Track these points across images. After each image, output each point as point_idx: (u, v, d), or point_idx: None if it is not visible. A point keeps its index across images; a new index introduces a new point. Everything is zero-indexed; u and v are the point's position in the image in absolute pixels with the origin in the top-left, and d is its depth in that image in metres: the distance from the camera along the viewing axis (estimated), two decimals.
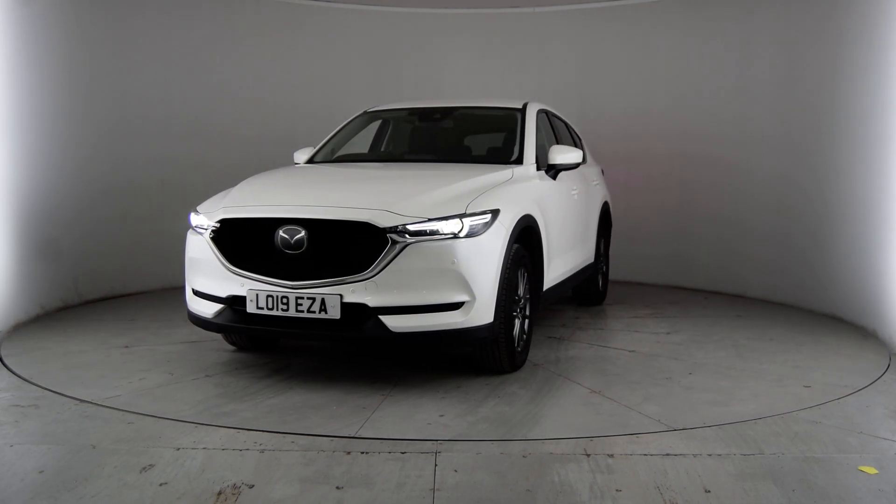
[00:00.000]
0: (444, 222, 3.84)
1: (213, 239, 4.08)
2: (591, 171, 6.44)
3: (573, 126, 6.60)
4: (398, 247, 3.76)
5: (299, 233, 3.84)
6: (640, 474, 2.95)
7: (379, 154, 5.71)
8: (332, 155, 5.46)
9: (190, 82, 7.27)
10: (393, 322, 3.78)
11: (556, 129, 5.81)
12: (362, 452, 3.14)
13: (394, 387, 4.07)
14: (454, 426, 3.47)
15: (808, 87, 6.41)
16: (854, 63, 5.81)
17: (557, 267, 5.10)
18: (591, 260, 6.20)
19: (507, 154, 5.04)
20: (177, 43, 7.17)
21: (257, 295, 3.90)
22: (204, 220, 4.18)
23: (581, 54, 8.04)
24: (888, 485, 2.89)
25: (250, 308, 3.92)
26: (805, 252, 6.46)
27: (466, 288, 3.84)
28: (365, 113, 5.85)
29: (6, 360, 4.52)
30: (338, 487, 2.82)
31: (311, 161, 5.40)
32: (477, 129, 5.73)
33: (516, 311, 4.33)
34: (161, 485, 2.82)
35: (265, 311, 3.89)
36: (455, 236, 3.84)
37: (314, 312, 3.81)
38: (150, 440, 3.26)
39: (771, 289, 6.83)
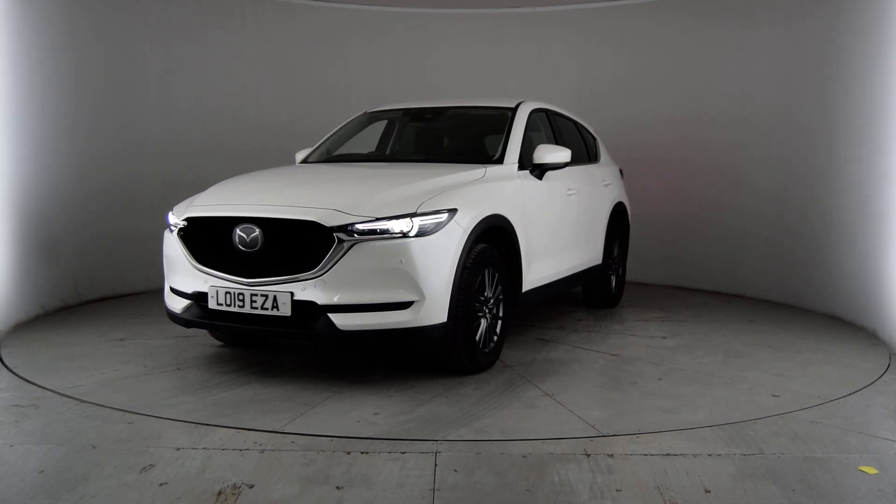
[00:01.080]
0: (393, 221, 3.85)
1: (181, 237, 4.21)
2: (604, 171, 6.33)
3: (588, 126, 6.51)
4: (345, 245, 3.79)
5: (254, 231, 3.94)
6: (640, 474, 2.95)
7: (369, 154, 5.68)
8: (326, 155, 5.52)
9: (190, 82, 7.27)
10: (341, 320, 3.81)
11: (557, 129, 5.73)
12: (362, 452, 3.14)
13: (350, 384, 4.10)
14: (382, 424, 3.48)
15: (808, 88, 6.41)
16: (854, 63, 5.81)
17: (543, 268, 5.02)
18: (598, 262, 6.08)
19: (490, 153, 5.00)
20: (177, 43, 7.17)
21: (217, 291, 4.01)
22: (175, 218, 4.31)
23: (581, 54, 8.04)
24: (888, 485, 2.89)
25: (211, 304, 4.04)
26: (805, 252, 6.45)
27: (415, 287, 3.84)
28: (365, 113, 5.89)
29: (6, 360, 4.53)
30: (338, 487, 2.82)
31: (305, 161, 5.47)
32: (469, 128, 5.67)
33: (483, 312, 4.31)
34: (161, 485, 2.82)
35: (224, 308, 4.00)
36: (404, 235, 3.84)
37: (267, 309, 3.88)
38: (150, 440, 3.26)
39: (771, 289, 6.83)
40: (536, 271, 4.93)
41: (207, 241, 4.13)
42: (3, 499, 2.71)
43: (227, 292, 3.98)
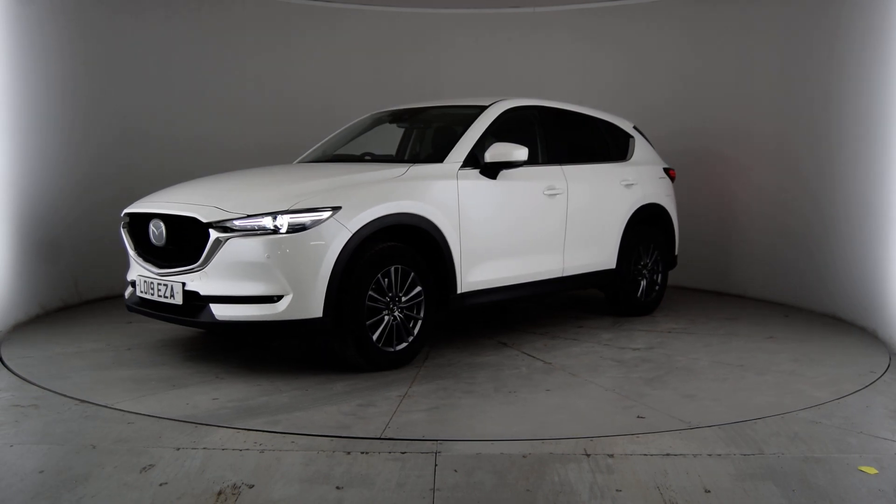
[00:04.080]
0: (264, 218, 4.00)
1: (126, 230, 4.62)
2: (629, 171, 5.99)
3: (619, 123, 6.25)
4: (220, 240, 4.03)
5: (161, 227, 4.31)
6: (640, 474, 2.95)
7: (340, 155, 5.56)
8: (321, 156, 5.60)
9: (190, 82, 7.27)
10: (219, 311, 4.07)
11: (552, 128, 5.52)
12: (362, 452, 3.14)
13: (241, 371, 4.33)
14: (201, 407, 3.67)
15: (808, 86, 6.41)
16: (854, 62, 5.81)
17: (496, 269, 4.86)
18: (609, 266, 5.75)
19: (441, 152, 4.88)
20: (177, 43, 7.17)
21: (140, 280, 4.45)
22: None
23: (581, 54, 8.04)
24: (888, 485, 2.89)
25: (138, 291, 4.49)
26: (805, 252, 6.45)
27: (281, 282, 3.97)
28: (370, 115, 5.97)
29: (6, 360, 4.53)
30: (338, 487, 2.82)
31: (300, 161, 5.60)
32: (442, 128, 5.59)
33: (389, 310, 4.34)
34: (161, 485, 2.82)
35: (144, 295, 4.42)
36: (275, 231, 3.97)
37: (166, 297, 4.25)
38: (150, 440, 3.26)
39: (771, 289, 6.83)
40: (485, 272, 4.78)
41: (140, 235, 4.51)
42: (3, 499, 2.71)
43: (145, 281, 4.40)
